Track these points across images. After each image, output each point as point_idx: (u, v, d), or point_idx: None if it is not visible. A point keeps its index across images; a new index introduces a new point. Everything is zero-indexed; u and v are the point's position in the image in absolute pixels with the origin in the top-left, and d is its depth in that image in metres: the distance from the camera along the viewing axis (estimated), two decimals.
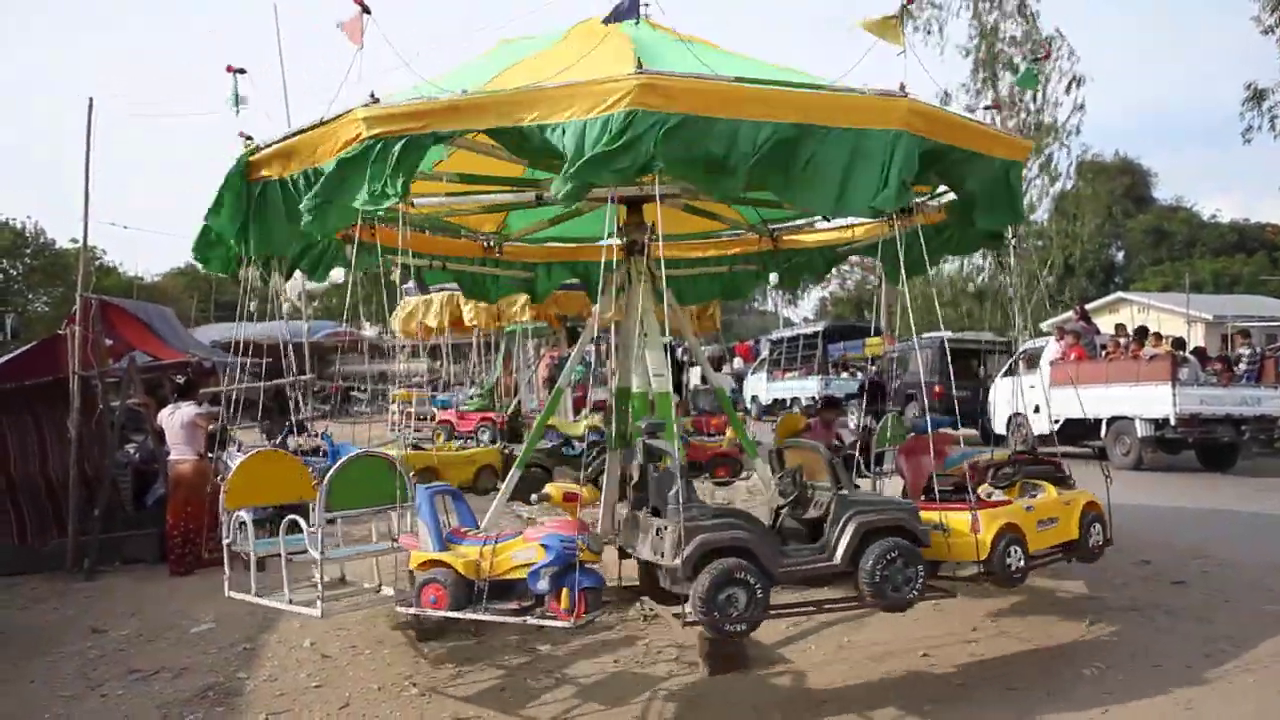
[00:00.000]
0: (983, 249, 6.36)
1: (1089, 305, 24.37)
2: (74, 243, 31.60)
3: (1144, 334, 14.75)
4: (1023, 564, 5.11)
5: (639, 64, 4.31)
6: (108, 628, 6.50)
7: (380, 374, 28.83)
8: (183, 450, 8.29)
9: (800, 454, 5.49)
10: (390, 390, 26.34)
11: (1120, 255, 50.88)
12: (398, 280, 8.24)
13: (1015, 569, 5.06)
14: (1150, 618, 5.91)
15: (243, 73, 5.53)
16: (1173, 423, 13.02)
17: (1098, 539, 5.72)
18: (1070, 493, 5.80)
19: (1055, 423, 12.74)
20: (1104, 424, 13.94)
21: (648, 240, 6.96)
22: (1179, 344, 14.54)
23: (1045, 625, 5.84)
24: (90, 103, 8.75)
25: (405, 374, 25.72)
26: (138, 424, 9.84)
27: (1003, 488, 5.65)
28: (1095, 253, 34.78)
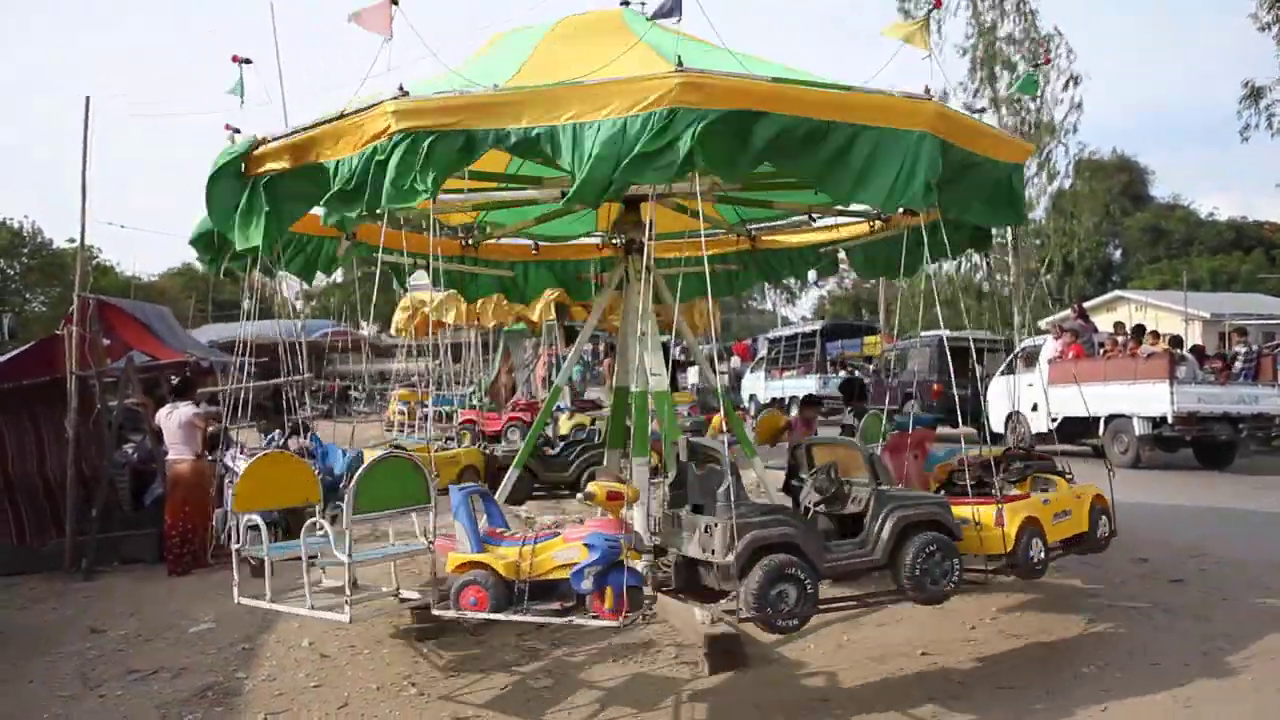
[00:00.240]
0: (971, 250, 6.40)
1: (1087, 303, 24.40)
2: (71, 242, 31.54)
3: (1142, 332, 14.76)
4: (1043, 555, 5.25)
5: (679, 62, 4.29)
6: (106, 628, 6.50)
7: (380, 373, 28.82)
8: (180, 450, 8.29)
9: (833, 450, 5.52)
10: (388, 390, 26.36)
11: (1118, 253, 50.97)
12: (405, 274, 8.15)
13: (1037, 561, 5.21)
14: (1148, 616, 5.92)
15: (248, 63, 5.46)
16: (1170, 421, 13.00)
17: (1105, 531, 5.88)
18: (1080, 486, 5.93)
19: (1053, 421, 12.76)
20: (1102, 422, 13.92)
21: (647, 240, 6.95)
22: (1176, 342, 14.54)
23: (1044, 624, 5.84)
24: (87, 102, 8.76)
25: (404, 374, 25.71)
26: (136, 424, 9.83)
27: (1014, 483, 5.72)
28: (1093, 251, 34.72)
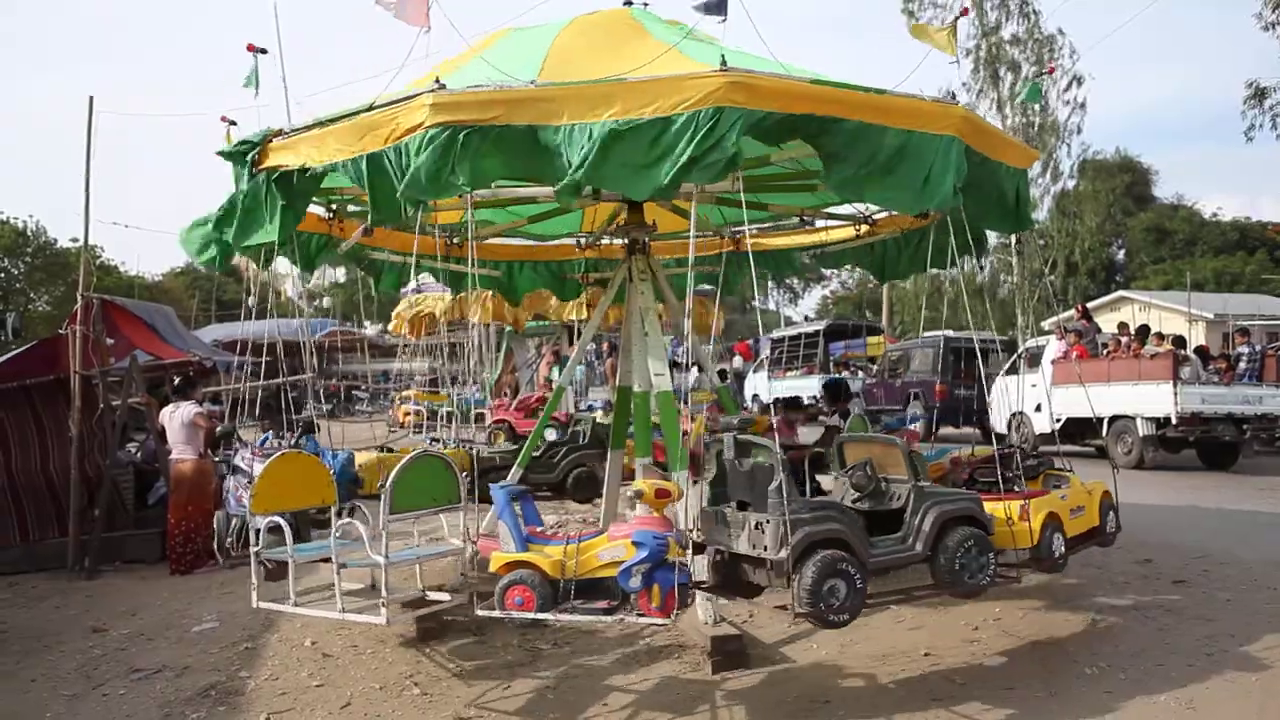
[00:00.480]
0: (968, 255, 6.50)
1: (1090, 304, 24.35)
2: (74, 242, 31.68)
3: (1145, 333, 14.74)
4: (1063, 550, 5.37)
5: (723, 61, 4.30)
6: (109, 626, 6.51)
7: (383, 372, 28.87)
8: (183, 450, 8.30)
9: (867, 448, 5.56)
10: (391, 390, 26.39)
11: (1121, 254, 50.85)
12: (396, 274, 8.15)
13: (1059, 555, 5.33)
14: (1152, 617, 5.90)
15: (264, 52, 5.36)
16: (1174, 421, 12.99)
17: (1113, 526, 6.03)
18: (1090, 483, 6.04)
19: (1056, 421, 12.73)
20: (1105, 423, 13.90)
21: (648, 240, 6.96)
22: (1180, 342, 14.52)
23: (1047, 624, 5.83)
24: (90, 101, 8.76)
25: (407, 373, 25.72)
26: (139, 423, 9.84)
27: (1029, 480, 5.79)
28: (1096, 251, 34.73)
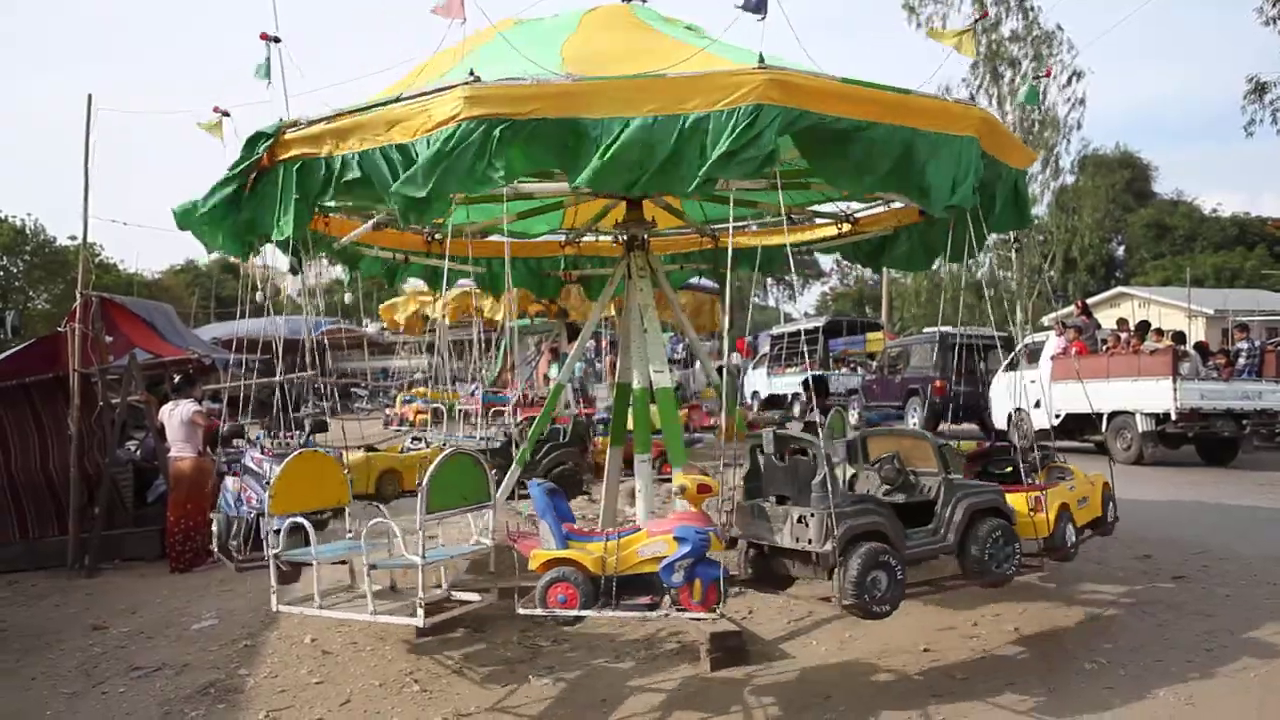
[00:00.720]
0: (964, 253, 6.58)
1: (1090, 299, 24.36)
2: (73, 240, 31.64)
3: (1145, 328, 14.74)
4: (1074, 539, 5.55)
5: (761, 59, 4.33)
6: (108, 624, 6.52)
7: (383, 370, 28.85)
8: (182, 447, 8.30)
9: (897, 440, 5.64)
10: (390, 388, 26.38)
11: (1121, 249, 50.84)
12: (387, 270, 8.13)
13: (1071, 545, 5.51)
14: (1151, 612, 5.91)
15: (277, 41, 5.25)
16: (1173, 417, 12.99)
17: (1113, 516, 6.27)
18: (1092, 474, 6.21)
19: (1056, 417, 12.74)
20: (1105, 418, 13.91)
21: (647, 236, 6.95)
22: (1179, 338, 14.52)
23: (1047, 620, 5.83)
24: (90, 100, 8.74)
25: (407, 370, 25.72)
26: (138, 421, 9.84)
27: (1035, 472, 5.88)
28: (1096, 247, 34.76)
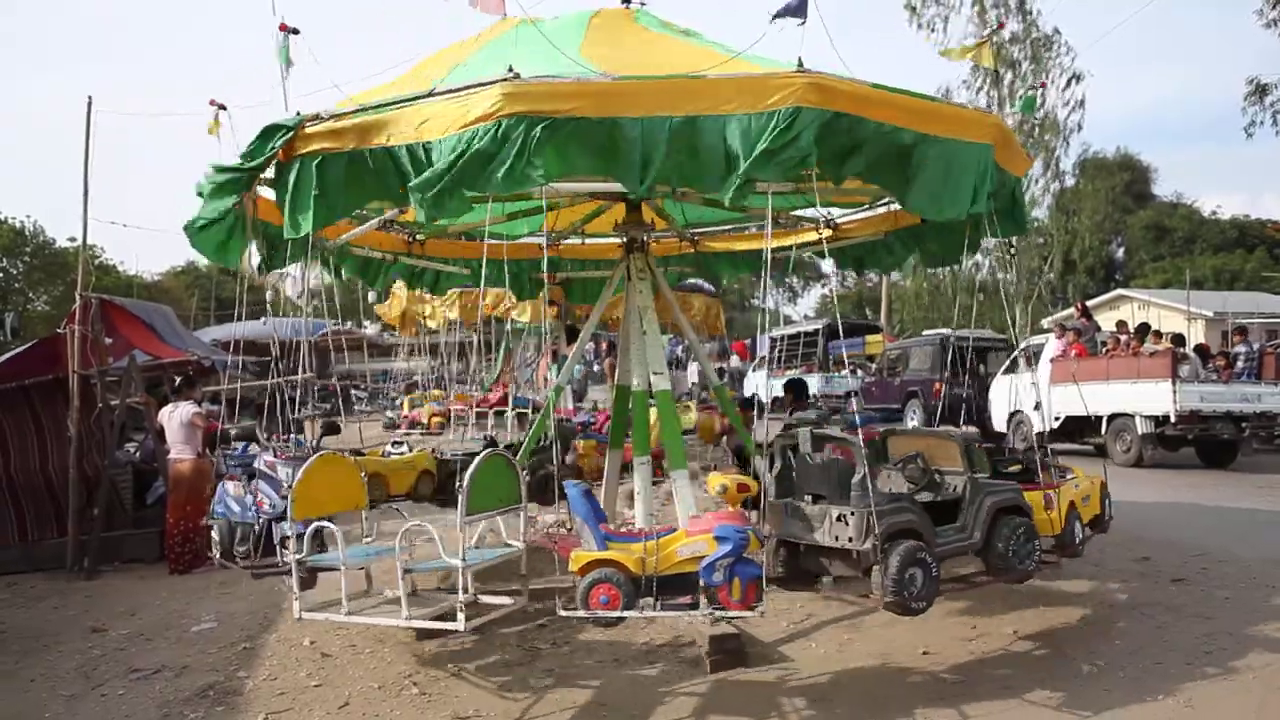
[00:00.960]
0: (959, 256, 6.63)
1: (1089, 302, 24.36)
2: (73, 241, 31.64)
3: (1145, 331, 14.74)
4: (1081, 536, 5.61)
5: (800, 62, 4.40)
6: (108, 626, 6.51)
7: (383, 372, 28.82)
8: (182, 449, 8.31)
9: (923, 441, 5.68)
10: (390, 389, 26.36)
11: (1121, 252, 50.86)
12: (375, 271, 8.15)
13: (1080, 541, 5.59)
14: (1150, 615, 5.91)
15: (295, 33, 5.20)
16: (1173, 419, 12.99)
17: (1110, 514, 6.35)
18: (1092, 474, 6.32)
19: (1055, 419, 12.73)
20: (1104, 421, 13.91)
21: (647, 238, 6.96)
22: (1179, 340, 14.53)
23: (1045, 622, 5.83)
24: (89, 101, 8.76)
25: (407, 371, 25.69)
26: (138, 423, 9.84)
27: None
28: (1095, 249, 34.79)
